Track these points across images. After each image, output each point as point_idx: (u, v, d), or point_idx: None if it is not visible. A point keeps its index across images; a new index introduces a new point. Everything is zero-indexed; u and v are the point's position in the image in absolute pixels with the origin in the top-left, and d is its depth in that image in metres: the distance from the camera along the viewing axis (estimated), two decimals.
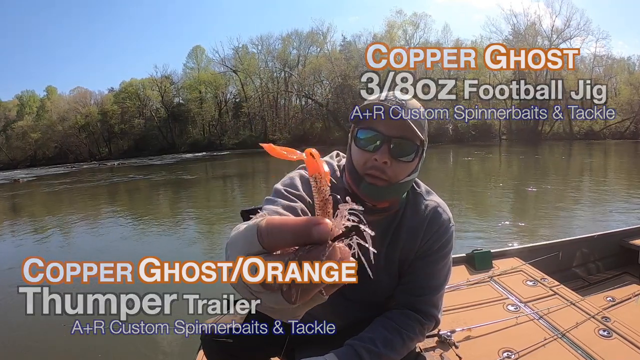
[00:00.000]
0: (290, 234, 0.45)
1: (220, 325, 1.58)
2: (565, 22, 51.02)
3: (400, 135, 1.30)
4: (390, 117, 1.28)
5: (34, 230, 10.44)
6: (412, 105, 1.35)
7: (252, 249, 0.48)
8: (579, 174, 16.05)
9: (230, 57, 63.75)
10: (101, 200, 16.30)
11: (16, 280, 5.95)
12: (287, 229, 0.45)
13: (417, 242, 1.49)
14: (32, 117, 65.22)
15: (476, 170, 19.60)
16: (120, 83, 67.95)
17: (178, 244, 7.77)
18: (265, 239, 0.46)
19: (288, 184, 1.40)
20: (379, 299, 1.59)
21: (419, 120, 1.34)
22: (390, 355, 1.38)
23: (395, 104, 1.29)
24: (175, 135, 64.29)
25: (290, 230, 0.45)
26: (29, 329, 4.42)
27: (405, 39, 57.12)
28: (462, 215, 8.49)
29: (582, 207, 9.02)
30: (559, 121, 49.81)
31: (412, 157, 1.35)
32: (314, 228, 0.44)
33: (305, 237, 0.44)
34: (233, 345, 1.55)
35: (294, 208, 1.28)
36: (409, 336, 1.44)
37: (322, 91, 61.15)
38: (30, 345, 4.09)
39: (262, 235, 0.47)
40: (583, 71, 51.33)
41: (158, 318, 4.07)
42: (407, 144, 1.32)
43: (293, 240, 0.45)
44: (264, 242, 0.46)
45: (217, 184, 19.18)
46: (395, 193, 1.41)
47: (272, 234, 0.46)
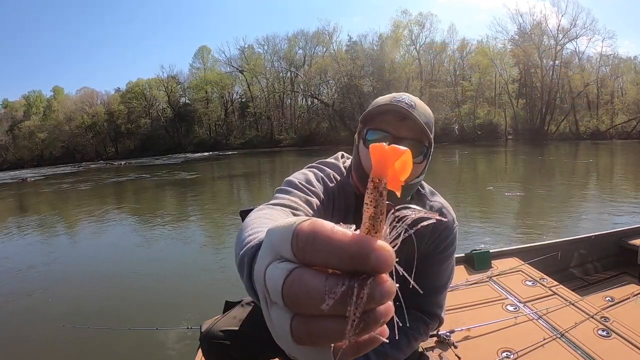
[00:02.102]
0: (340, 250, 0.33)
1: (219, 326, 1.58)
2: (572, 22, 50.98)
3: (411, 136, 1.31)
4: (401, 119, 1.29)
5: (42, 229, 10.49)
6: (421, 106, 1.34)
7: (282, 251, 0.36)
8: (584, 175, 15.95)
9: (237, 57, 64.21)
10: (108, 200, 16.36)
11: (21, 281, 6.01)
12: (337, 244, 0.33)
13: (422, 243, 1.49)
14: (39, 117, 65.73)
15: (480, 171, 19.53)
16: (126, 83, 68.54)
17: (184, 243, 7.79)
18: (301, 246, 0.34)
19: (302, 178, 1.37)
20: None
21: (428, 122, 1.34)
22: (396, 355, 1.40)
23: (405, 105, 1.29)
24: (181, 135, 64.53)
25: (342, 246, 0.33)
26: (30, 327, 4.46)
27: (411, 38, 57.11)
28: (462, 215, 8.47)
29: (582, 208, 8.97)
30: (565, 121, 49.69)
31: (422, 158, 1.35)
32: (373, 253, 0.33)
33: (358, 262, 0.33)
34: (232, 346, 1.55)
35: (311, 203, 1.26)
36: (414, 336, 1.46)
37: (328, 91, 61.33)
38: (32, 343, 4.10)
39: (300, 240, 0.34)
40: (589, 71, 51.14)
41: (158, 318, 4.11)
42: (417, 146, 1.32)
43: (339, 260, 0.33)
44: (299, 249, 0.34)
45: (223, 184, 19.16)
46: (404, 195, 1.40)
47: (316, 244, 0.34)
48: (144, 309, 4.81)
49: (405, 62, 56.96)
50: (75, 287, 5.78)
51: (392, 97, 1.33)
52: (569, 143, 39.76)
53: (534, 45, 51.28)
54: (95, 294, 5.38)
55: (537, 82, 51.70)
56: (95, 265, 6.72)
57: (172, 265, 6.40)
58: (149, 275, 6.04)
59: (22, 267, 6.81)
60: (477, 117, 51.09)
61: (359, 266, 0.33)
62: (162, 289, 5.40)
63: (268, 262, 0.38)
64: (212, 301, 4.19)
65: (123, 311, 4.73)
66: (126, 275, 6.09)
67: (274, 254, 0.37)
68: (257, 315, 1.68)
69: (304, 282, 0.33)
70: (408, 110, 1.27)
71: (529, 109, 52.26)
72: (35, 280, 6.09)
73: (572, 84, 50.26)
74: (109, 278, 6.00)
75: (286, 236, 0.35)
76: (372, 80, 55.56)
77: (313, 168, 1.49)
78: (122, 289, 5.51)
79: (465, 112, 51.97)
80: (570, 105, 49.79)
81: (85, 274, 6.34)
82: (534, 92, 52.25)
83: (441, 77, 56.64)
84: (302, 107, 63.10)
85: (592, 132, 46.95)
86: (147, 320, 4.37)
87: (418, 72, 56.20)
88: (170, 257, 6.94)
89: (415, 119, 1.27)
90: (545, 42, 51.84)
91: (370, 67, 57.22)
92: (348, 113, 54.64)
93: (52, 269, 6.73)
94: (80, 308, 4.90)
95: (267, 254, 0.39)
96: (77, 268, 6.69)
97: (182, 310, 4.55)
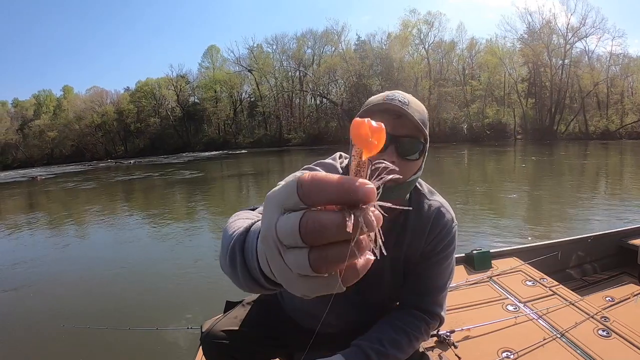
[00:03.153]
0: (336, 188, 0.40)
1: (219, 327, 1.59)
2: (581, 20, 50.53)
3: (406, 134, 1.31)
4: (396, 117, 1.30)
5: (47, 228, 10.61)
6: (415, 103, 1.34)
7: (289, 201, 0.43)
8: (593, 175, 15.87)
9: (245, 56, 64.27)
10: (118, 198, 16.49)
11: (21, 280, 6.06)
12: (332, 183, 0.40)
13: (421, 243, 1.49)
14: (49, 116, 66.30)
15: (487, 171, 19.45)
16: (136, 82, 68.88)
17: (186, 243, 7.79)
18: (306, 191, 0.41)
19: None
20: (383, 301, 1.60)
21: (422, 118, 1.34)
22: (397, 355, 1.39)
23: (399, 103, 1.29)
24: (190, 134, 64.80)
25: (336, 185, 0.40)
26: (29, 326, 4.47)
27: (420, 38, 56.95)
28: (471, 216, 8.46)
29: (588, 209, 8.93)
30: (575, 121, 49.36)
31: (418, 155, 1.35)
32: (361, 188, 0.40)
33: (350, 196, 0.39)
34: (232, 346, 1.56)
35: None
36: (415, 336, 1.45)
37: (337, 90, 61.28)
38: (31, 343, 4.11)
39: (304, 186, 0.41)
40: (599, 70, 50.75)
41: (159, 318, 4.13)
42: (413, 143, 1.32)
43: (337, 196, 0.40)
44: (304, 194, 0.41)
45: (232, 183, 19.20)
46: (403, 192, 1.41)
47: (316, 186, 0.41)
48: (144, 308, 4.82)
49: (414, 61, 56.69)
50: (76, 286, 5.80)
51: (385, 95, 1.34)
52: (578, 143, 39.46)
53: (543, 44, 50.96)
54: (95, 294, 5.41)
55: (547, 82, 51.35)
56: (96, 265, 6.74)
57: (174, 265, 6.41)
58: (150, 275, 6.07)
59: (22, 266, 6.87)
60: (486, 116, 50.78)
61: (352, 197, 0.39)
62: (163, 289, 5.42)
63: (276, 219, 0.44)
64: (213, 301, 4.19)
65: (123, 311, 4.74)
66: (127, 275, 6.12)
67: (279, 209, 0.44)
68: (257, 315, 1.70)
69: (317, 219, 0.39)
70: (402, 108, 1.28)
71: (538, 109, 51.93)
72: (35, 279, 6.13)
73: (581, 84, 49.82)
74: (109, 277, 6.02)
75: (291, 188, 0.42)
76: (380, 80, 55.32)
77: (307, 170, 1.44)
78: (122, 289, 5.54)
79: (474, 111, 51.69)
80: (580, 105, 49.41)
81: (86, 273, 6.36)
82: (543, 91, 51.95)
83: (450, 76, 56.32)
84: (310, 107, 63.11)
85: (602, 132, 46.56)
86: (147, 320, 4.36)
87: (427, 72, 55.88)
88: (171, 257, 6.95)
89: (410, 116, 1.28)
90: (555, 41, 51.52)
91: (379, 67, 57.13)
92: (357, 112, 54.36)
93: (52, 268, 6.78)
94: (80, 308, 4.92)
95: (273, 212, 0.45)
96: (78, 267, 6.70)
97: (182, 310, 4.57)
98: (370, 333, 1.41)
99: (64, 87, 70.87)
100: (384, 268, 1.50)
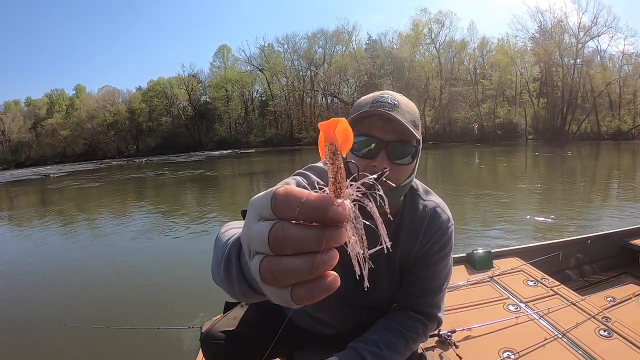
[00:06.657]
0: (305, 208, 0.40)
1: (218, 327, 1.59)
2: (593, 19, 49.82)
3: (397, 138, 1.27)
4: (386, 121, 1.26)
5: (55, 226, 10.67)
6: (405, 104, 1.31)
7: (263, 212, 0.44)
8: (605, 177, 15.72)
9: (256, 56, 64.54)
10: (129, 196, 16.54)
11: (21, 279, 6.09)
12: (303, 202, 0.41)
13: (417, 244, 1.47)
14: (61, 115, 66.89)
15: (500, 172, 19.34)
16: (148, 82, 69.52)
17: (188, 243, 7.80)
18: (279, 205, 0.42)
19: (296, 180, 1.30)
20: (380, 303, 1.58)
21: (413, 119, 1.31)
22: (393, 357, 1.38)
23: (388, 106, 1.26)
24: (202, 133, 65.09)
25: (307, 203, 0.41)
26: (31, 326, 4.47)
27: (431, 37, 56.73)
28: (464, 215, 8.44)
29: (592, 209, 8.88)
30: (586, 121, 48.90)
31: (410, 159, 1.31)
32: (331, 208, 0.40)
33: (320, 215, 0.40)
34: (231, 346, 1.55)
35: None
36: (412, 337, 1.43)
37: (348, 90, 61.43)
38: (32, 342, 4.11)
39: (277, 201, 0.42)
40: (611, 69, 50.24)
41: (160, 318, 4.14)
42: (405, 147, 1.29)
43: (306, 214, 0.40)
44: (276, 207, 0.42)
45: (243, 182, 19.23)
46: (397, 196, 1.39)
47: (287, 204, 0.41)
48: (146, 308, 4.82)
49: (425, 60, 56.48)
50: (78, 285, 5.81)
51: (374, 98, 1.32)
52: (590, 143, 39.07)
53: (555, 43, 50.47)
54: (96, 293, 5.40)
55: (558, 81, 50.83)
56: (96, 264, 6.74)
57: (175, 265, 6.42)
58: (152, 275, 6.06)
59: (22, 266, 6.91)
60: (497, 116, 50.39)
61: (321, 218, 0.40)
62: (164, 288, 5.42)
63: (251, 225, 0.46)
64: (214, 301, 4.21)
65: (124, 310, 4.73)
66: (128, 274, 6.12)
67: (257, 216, 0.45)
68: (256, 315, 1.70)
69: (285, 230, 0.41)
70: (391, 113, 1.24)
71: (549, 109, 51.29)
72: (38, 278, 6.18)
73: (593, 83, 49.29)
74: (110, 277, 6.03)
75: (266, 199, 0.43)
76: (391, 79, 55.23)
77: (298, 175, 1.43)
78: (124, 288, 5.54)
79: (485, 111, 51.28)
80: (592, 105, 48.91)
81: (87, 272, 6.36)
82: (554, 91, 51.38)
83: (461, 75, 55.89)
84: (321, 106, 63.13)
85: (614, 132, 46.06)
86: (148, 319, 4.34)
87: (438, 71, 55.61)
88: (173, 257, 6.96)
89: (399, 121, 1.24)
90: (566, 40, 50.93)
91: (390, 66, 57.05)
92: None
93: (56, 266, 6.81)
94: (81, 307, 4.91)
95: (250, 218, 0.47)
96: (78, 267, 6.70)
97: (184, 309, 4.56)
98: (367, 335, 1.41)
99: (77, 86, 71.50)
100: (380, 270, 1.48)
